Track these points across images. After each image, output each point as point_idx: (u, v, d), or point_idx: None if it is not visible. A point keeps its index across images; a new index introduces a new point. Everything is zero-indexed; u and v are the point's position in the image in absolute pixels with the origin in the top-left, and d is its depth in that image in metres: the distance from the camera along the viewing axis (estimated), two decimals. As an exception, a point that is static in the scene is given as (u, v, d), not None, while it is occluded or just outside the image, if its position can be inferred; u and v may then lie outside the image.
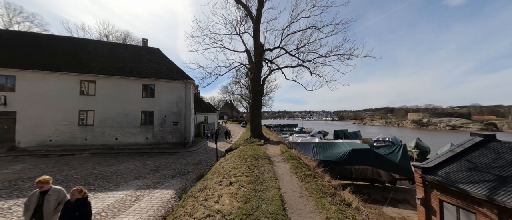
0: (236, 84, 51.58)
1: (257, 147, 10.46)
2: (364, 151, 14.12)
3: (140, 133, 17.61)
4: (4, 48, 16.05)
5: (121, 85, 17.25)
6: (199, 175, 9.76)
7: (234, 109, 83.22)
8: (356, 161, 13.88)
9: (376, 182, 14.27)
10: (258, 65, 14.34)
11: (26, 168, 10.20)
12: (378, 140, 26.78)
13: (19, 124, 15.05)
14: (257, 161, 7.03)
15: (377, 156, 13.81)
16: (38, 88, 15.40)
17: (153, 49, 21.46)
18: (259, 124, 15.27)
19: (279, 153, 9.12)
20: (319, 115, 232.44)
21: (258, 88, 14.53)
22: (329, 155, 14.41)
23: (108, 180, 8.55)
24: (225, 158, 8.89)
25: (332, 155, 14.37)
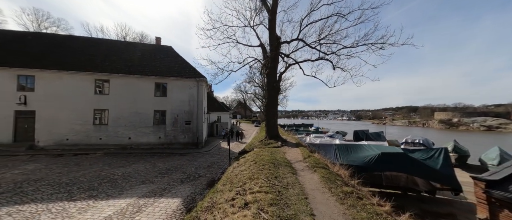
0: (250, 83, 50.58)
1: (274, 150, 9.26)
2: (396, 155, 12.30)
3: (153, 133, 17.25)
4: (25, 49, 16.50)
5: (134, 84, 16.99)
6: (210, 180, 8.82)
7: (247, 109, 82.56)
8: (386, 166, 12.11)
9: (411, 191, 12.40)
10: (274, 59, 13.11)
11: (37, 169, 9.98)
12: (406, 142, 24.16)
13: (38, 123, 15.33)
14: (277, 169, 5.85)
15: (412, 162, 11.93)
16: (55, 88, 15.57)
17: (166, 47, 21.13)
18: (275, 124, 14.04)
19: (301, 158, 7.85)
20: (334, 114, 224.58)
21: (274, 84, 13.30)
22: (353, 159, 12.77)
23: (113, 184, 7.89)
24: (238, 163, 7.82)
25: (357, 159, 12.72)
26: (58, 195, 6.65)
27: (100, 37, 34.71)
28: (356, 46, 11.04)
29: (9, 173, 9.19)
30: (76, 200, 6.26)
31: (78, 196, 6.57)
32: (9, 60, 15.21)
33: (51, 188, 7.31)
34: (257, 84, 48.11)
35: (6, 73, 14.86)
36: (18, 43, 16.84)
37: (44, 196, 6.50)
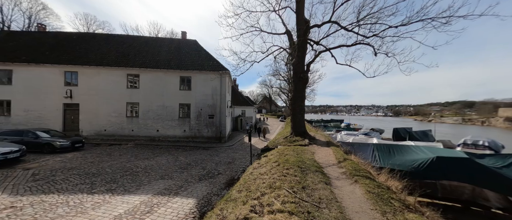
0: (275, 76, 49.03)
1: (301, 150, 8.06)
2: (458, 160, 9.83)
3: (178, 126, 17.58)
4: (71, 48, 18.28)
5: (161, 78, 17.43)
6: (229, 179, 8.14)
7: (272, 103, 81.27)
8: (443, 174, 9.77)
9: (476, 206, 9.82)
10: (301, 46, 11.64)
11: (75, 157, 10.76)
12: (466, 144, 19.93)
13: (82, 115, 16.93)
14: (305, 175, 4.72)
15: (482, 170, 9.35)
16: (94, 83, 16.91)
17: (191, 41, 21.22)
18: (302, 120, 12.67)
19: (334, 161, 6.52)
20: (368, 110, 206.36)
21: (301, 75, 11.87)
22: (398, 163, 10.69)
23: (134, 177, 7.82)
24: (259, 163, 6.90)
25: (403, 163, 10.61)
26: (81, 186, 6.75)
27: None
28: (408, 23, 8.84)
29: (52, 160, 10.05)
30: (95, 193, 6.20)
31: (98, 189, 6.54)
32: (59, 58, 17.01)
33: (78, 178, 7.55)
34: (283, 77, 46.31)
35: (57, 69, 16.65)
36: (66, 43, 18.74)
37: (69, 187, 6.64)
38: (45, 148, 11.35)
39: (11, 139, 11.30)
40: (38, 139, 11.55)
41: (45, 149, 11.32)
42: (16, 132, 12.01)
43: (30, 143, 11.32)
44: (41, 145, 11.35)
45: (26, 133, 11.82)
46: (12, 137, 11.53)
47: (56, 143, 11.46)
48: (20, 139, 11.39)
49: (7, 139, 11.33)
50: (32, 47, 17.83)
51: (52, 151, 11.33)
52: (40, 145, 11.36)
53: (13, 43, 18.15)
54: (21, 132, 12.00)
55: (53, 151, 11.35)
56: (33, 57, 16.75)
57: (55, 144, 11.43)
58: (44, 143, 11.40)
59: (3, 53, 16.77)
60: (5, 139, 11.34)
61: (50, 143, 11.43)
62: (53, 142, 11.49)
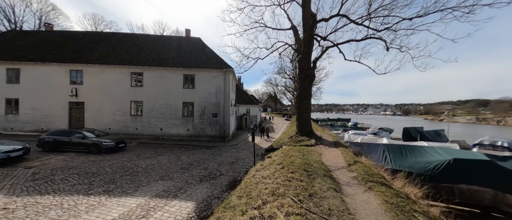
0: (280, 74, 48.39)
1: (307, 151, 7.59)
2: (478, 163, 9.13)
3: (182, 125, 17.40)
4: (76, 46, 18.37)
5: (164, 76, 17.26)
6: (231, 180, 7.77)
7: (278, 102, 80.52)
8: (462, 177, 9.08)
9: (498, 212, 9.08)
10: (307, 42, 11.10)
11: (77, 155, 10.69)
12: (482, 144, 18.81)
13: (87, 113, 17.00)
14: (312, 180, 4.27)
15: (506, 173, 8.63)
16: (99, 81, 16.92)
17: (194, 39, 20.97)
18: (308, 118, 12.15)
19: (343, 164, 6.02)
20: (375, 108, 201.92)
21: (307, 72, 11.34)
22: (411, 164, 10.06)
23: (133, 178, 7.58)
24: (262, 165, 6.49)
25: (417, 165, 9.98)
26: (79, 186, 6.55)
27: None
28: (424, 15, 8.14)
29: (55, 158, 10.00)
30: (91, 194, 5.97)
31: (95, 190, 6.32)
32: (65, 56, 17.11)
33: (77, 177, 7.37)
34: (288, 75, 45.63)
35: (62, 68, 16.75)
36: (72, 42, 18.87)
37: (66, 187, 6.45)
38: (92, 148, 11.33)
39: (60, 139, 11.53)
40: (85, 139, 11.55)
41: (92, 150, 11.32)
42: (64, 132, 12.08)
43: (78, 143, 11.44)
44: (88, 145, 11.36)
45: (74, 133, 11.88)
46: (61, 137, 11.67)
47: (102, 144, 11.39)
48: (68, 139, 11.54)
49: (50, 138, 11.54)
50: (39, 46, 18.04)
51: (98, 152, 11.29)
52: (87, 145, 11.38)
53: (21, 43, 18.42)
54: (69, 132, 12.09)
55: (99, 151, 11.31)
56: (40, 56, 16.93)
57: (101, 145, 11.36)
58: (90, 143, 11.38)
59: (11, 52, 17.04)
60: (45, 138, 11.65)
61: (96, 143, 11.38)
62: (100, 142, 11.42)
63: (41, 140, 11.57)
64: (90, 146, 11.38)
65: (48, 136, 11.80)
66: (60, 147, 11.49)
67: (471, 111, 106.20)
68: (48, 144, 11.45)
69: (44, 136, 11.84)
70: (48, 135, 11.86)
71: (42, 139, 11.60)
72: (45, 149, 11.41)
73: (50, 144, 11.44)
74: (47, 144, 11.44)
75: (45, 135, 11.89)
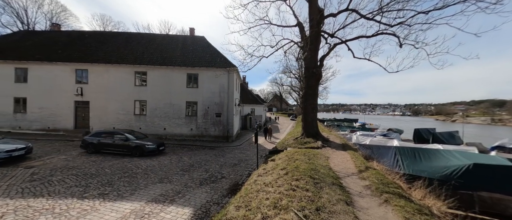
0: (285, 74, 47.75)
1: (313, 154, 7.10)
2: (502, 169, 8.35)
3: (185, 124, 17.20)
4: (82, 46, 18.50)
5: (168, 75, 17.10)
6: (233, 184, 7.39)
7: (283, 101, 79.83)
8: (483, 184, 8.35)
9: (524, 224, 8.27)
10: (314, 38, 10.56)
11: (80, 155, 10.61)
12: (501, 147, 17.63)
13: (92, 112, 17.07)
14: (319, 190, 3.81)
15: (534, 182, 7.86)
16: (103, 80, 16.95)
17: (198, 37, 20.75)
18: (315, 119, 11.60)
19: (353, 170, 5.51)
20: (384, 109, 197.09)
21: (314, 70, 10.80)
22: (426, 169, 9.37)
23: (131, 180, 7.33)
24: (265, 169, 6.06)
25: (431, 170, 9.28)
26: (75, 189, 6.34)
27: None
28: (443, 7, 7.47)
29: (57, 158, 9.93)
30: (86, 198, 5.73)
31: (91, 193, 6.08)
32: (70, 56, 17.24)
33: (75, 179, 7.19)
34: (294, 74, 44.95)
35: (68, 67, 16.88)
36: (78, 41, 19.02)
37: (62, 189, 6.25)
38: (135, 151, 11.01)
39: (104, 141, 11.27)
40: (128, 141, 11.23)
41: (135, 152, 10.99)
42: (107, 134, 11.76)
43: (121, 145, 11.16)
44: (131, 148, 11.05)
45: (116, 135, 11.56)
46: (105, 139, 11.39)
47: (145, 147, 11.08)
48: (112, 141, 11.26)
49: (94, 140, 11.31)
50: (46, 46, 18.27)
51: (141, 154, 10.96)
52: (130, 148, 11.07)
53: (30, 43, 18.72)
54: (112, 134, 11.76)
55: (142, 154, 10.97)
56: (47, 55, 17.11)
57: (144, 148, 11.06)
58: (134, 146, 11.06)
59: (20, 52, 17.31)
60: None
61: (140, 146, 11.07)
62: (143, 145, 11.10)
63: (85, 142, 11.37)
64: (133, 149, 11.01)
65: (91, 137, 11.54)
66: (103, 149, 11.23)
67: (486, 112, 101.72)
68: (92, 145, 11.21)
69: (88, 137, 11.59)
70: (91, 136, 11.59)
71: (86, 141, 11.37)
72: (89, 150, 11.20)
73: (94, 146, 11.20)
74: (92, 146, 11.21)
75: (89, 136, 11.64)
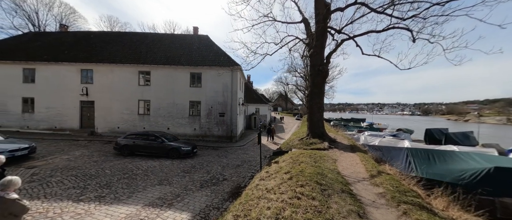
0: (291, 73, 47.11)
1: (319, 156, 6.67)
2: (527, 174, 7.69)
3: (188, 124, 17.04)
4: (88, 46, 18.65)
5: (171, 75, 16.97)
6: (235, 187, 7.06)
7: (288, 101, 79.07)
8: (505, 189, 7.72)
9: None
10: (320, 34, 10.09)
11: (82, 155, 10.55)
12: (521, 149, 16.58)
13: (97, 112, 17.16)
14: (327, 198, 3.42)
15: None
16: (108, 80, 16.99)
17: (202, 36, 20.56)
18: (321, 119, 11.12)
19: (364, 174, 5.06)
20: (392, 108, 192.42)
21: (320, 67, 10.32)
22: (441, 172, 8.75)
23: (130, 182, 7.12)
24: (268, 172, 5.69)
25: (447, 173, 8.65)
26: (72, 191, 6.17)
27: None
28: (463, -4, 6.87)
29: (59, 158, 9.89)
30: (81, 201, 5.54)
31: (87, 195, 5.89)
32: (76, 56, 17.40)
33: (73, 180, 7.05)
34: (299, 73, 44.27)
35: (74, 67, 17.02)
36: (84, 42, 19.20)
37: (59, 191, 6.10)
38: (171, 153, 10.88)
39: (139, 143, 11.06)
40: (163, 143, 11.08)
41: (171, 154, 10.87)
42: (141, 136, 11.54)
43: (157, 147, 11.01)
44: (167, 150, 10.91)
45: (150, 137, 11.37)
46: (139, 140, 11.20)
47: (181, 149, 10.99)
48: (148, 144, 11.08)
49: (128, 142, 11.07)
50: (53, 47, 18.51)
51: (178, 157, 10.86)
52: (166, 150, 10.92)
53: (38, 43, 19.03)
54: (145, 135, 11.57)
55: (179, 156, 10.88)
56: (54, 56, 17.32)
57: (181, 150, 10.97)
58: (170, 148, 10.92)
59: (28, 53, 17.60)
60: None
61: (176, 148, 10.95)
62: (179, 147, 11.02)
63: (119, 144, 11.10)
64: (169, 151, 10.86)
65: (125, 139, 11.27)
66: (138, 151, 11.01)
67: (501, 111, 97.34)
68: (127, 148, 10.99)
69: (121, 139, 11.32)
70: (125, 138, 11.33)
71: (119, 143, 11.12)
72: (124, 153, 10.94)
73: (129, 148, 11.00)
74: (126, 148, 10.98)
75: (122, 138, 11.37)
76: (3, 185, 2.55)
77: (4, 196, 2.48)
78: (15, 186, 2.66)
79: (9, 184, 2.56)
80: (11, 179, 2.63)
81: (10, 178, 2.63)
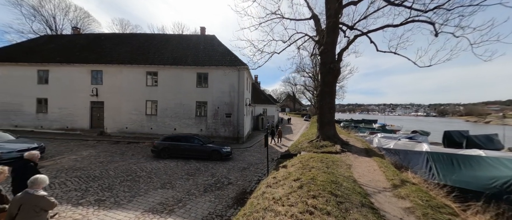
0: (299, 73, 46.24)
1: (331, 161, 6.12)
2: None
3: (195, 125, 16.87)
4: (98, 48, 19.01)
5: (178, 75, 16.90)
6: (240, 193, 6.64)
7: (296, 102, 77.88)
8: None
9: None
10: (331, 30, 9.50)
11: (89, 155, 10.56)
12: (557, 154, 14.99)
13: (106, 112, 17.38)
14: (344, 213, 2.92)
15: None
16: (117, 81, 17.17)
17: (209, 36, 20.42)
18: (332, 120, 10.49)
19: (385, 183, 4.49)
20: (405, 109, 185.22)
21: (331, 66, 9.72)
22: (467, 179, 7.91)
23: (133, 184, 6.90)
24: (275, 178, 5.22)
25: (474, 180, 7.80)
26: (72, 193, 6.01)
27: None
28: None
29: (67, 158, 9.92)
30: (80, 205, 5.34)
31: (87, 199, 5.70)
32: (87, 58, 17.75)
33: (77, 182, 6.92)
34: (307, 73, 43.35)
35: (84, 69, 17.36)
36: (95, 43, 19.61)
37: (60, 193, 5.96)
38: (213, 155, 10.89)
39: (180, 146, 10.99)
40: (205, 145, 11.10)
41: (213, 156, 10.87)
42: (180, 138, 11.51)
43: (199, 150, 11.01)
44: (209, 152, 10.93)
45: (189, 139, 11.38)
46: (180, 143, 11.14)
47: (222, 150, 10.98)
48: (189, 146, 11.02)
49: (170, 145, 10.95)
50: (66, 49, 19.01)
51: (220, 158, 10.84)
52: (208, 152, 10.94)
53: (52, 45, 19.65)
54: (185, 138, 11.57)
55: (220, 158, 10.86)
56: (66, 58, 17.76)
57: (222, 151, 10.96)
58: (212, 150, 10.93)
59: (43, 55, 18.17)
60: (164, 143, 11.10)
61: (217, 150, 10.95)
62: (220, 149, 11.01)
63: (159, 146, 10.86)
64: (211, 153, 10.88)
65: (165, 142, 11.12)
66: (179, 154, 10.90)
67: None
68: (167, 150, 10.82)
69: (160, 142, 11.12)
70: (164, 141, 11.17)
71: (159, 146, 10.89)
72: (164, 155, 10.74)
73: (169, 151, 10.85)
74: (166, 151, 10.81)
75: (161, 141, 11.17)
76: (32, 183, 2.86)
77: (34, 193, 2.81)
78: (42, 184, 2.96)
79: (37, 182, 2.89)
80: (37, 177, 2.93)
81: (37, 176, 2.94)
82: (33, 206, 2.75)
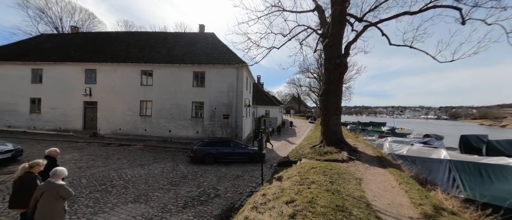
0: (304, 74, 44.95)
1: (336, 172, 4.95)
2: None
3: (191, 126, 15.91)
4: (94, 46, 18.45)
5: (174, 74, 16.03)
6: (226, 209, 5.53)
7: (301, 103, 76.26)
8: None
9: None
10: (338, 21, 8.34)
11: (71, 159, 9.71)
12: None
13: (99, 113, 16.67)
14: None
15: None
16: (111, 80, 16.47)
17: (208, 34, 19.55)
18: (338, 123, 9.25)
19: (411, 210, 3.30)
20: (414, 111, 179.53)
21: (338, 61, 8.53)
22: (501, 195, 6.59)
23: (102, 196, 5.93)
24: (265, 196, 4.09)
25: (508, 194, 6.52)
26: (25, 207, 5.03)
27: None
28: None
29: (46, 162, 9.08)
30: None
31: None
32: (81, 56, 17.18)
33: (39, 192, 5.97)
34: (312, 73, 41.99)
35: (78, 67, 16.77)
36: (91, 42, 19.08)
37: (10, 207, 4.98)
38: (254, 157, 10.68)
39: (223, 151, 10.75)
40: (246, 149, 11.19)
41: (254, 159, 10.66)
42: (219, 143, 11.30)
43: (241, 153, 10.95)
44: (251, 155, 10.86)
45: (229, 144, 11.29)
46: (221, 147, 10.88)
47: (263, 153, 10.50)
48: (232, 150, 10.88)
49: (212, 150, 10.57)
50: (63, 48, 18.53)
51: (260, 160, 10.38)
52: (250, 155, 10.90)
53: (49, 44, 19.24)
54: (224, 142, 11.48)
55: (261, 159, 10.41)
56: (61, 56, 17.24)
57: (263, 154, 10.28)
58: (253, 153, 10.82)
59: (38, 54, 17.73)
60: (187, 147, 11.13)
61: (257, 152, 10.29)
62: (261, 152, 10.69)
63: (199, 153, 10.27)
64: (253, 156, 10.76)
65: (205, 147, 10.63)
66: (223, 158, 10.63)
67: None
68: (211, 156, 10.36)
69: (200, 147, 10.56)
70: (204, 147, 10.65)
71: (201, 152, 10.32)
72: (209, 162, 10.26)
73: (213, 156, 10.43)
74: (210, 156, 10.35)
75: (200, 147, 10.61)
76: (53, 174, 3.35)
77: (55, 182, 3.27)
78: (61, 175, 3.44)
79: (57, 173, 3.37)
80: (57, 169, 3.42)
81: (57, 168, 3.43)
82: (54, 194, 3.18)
